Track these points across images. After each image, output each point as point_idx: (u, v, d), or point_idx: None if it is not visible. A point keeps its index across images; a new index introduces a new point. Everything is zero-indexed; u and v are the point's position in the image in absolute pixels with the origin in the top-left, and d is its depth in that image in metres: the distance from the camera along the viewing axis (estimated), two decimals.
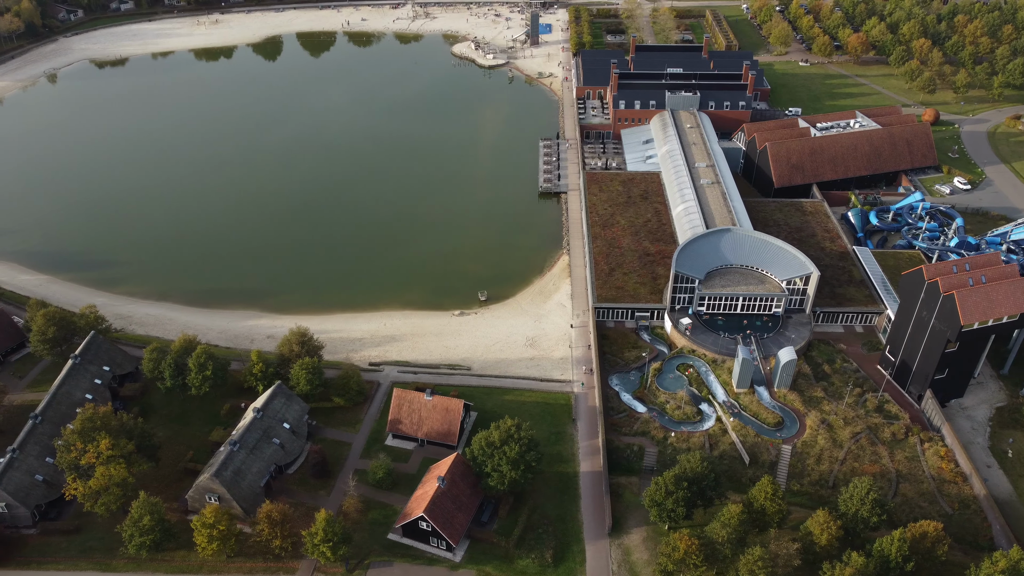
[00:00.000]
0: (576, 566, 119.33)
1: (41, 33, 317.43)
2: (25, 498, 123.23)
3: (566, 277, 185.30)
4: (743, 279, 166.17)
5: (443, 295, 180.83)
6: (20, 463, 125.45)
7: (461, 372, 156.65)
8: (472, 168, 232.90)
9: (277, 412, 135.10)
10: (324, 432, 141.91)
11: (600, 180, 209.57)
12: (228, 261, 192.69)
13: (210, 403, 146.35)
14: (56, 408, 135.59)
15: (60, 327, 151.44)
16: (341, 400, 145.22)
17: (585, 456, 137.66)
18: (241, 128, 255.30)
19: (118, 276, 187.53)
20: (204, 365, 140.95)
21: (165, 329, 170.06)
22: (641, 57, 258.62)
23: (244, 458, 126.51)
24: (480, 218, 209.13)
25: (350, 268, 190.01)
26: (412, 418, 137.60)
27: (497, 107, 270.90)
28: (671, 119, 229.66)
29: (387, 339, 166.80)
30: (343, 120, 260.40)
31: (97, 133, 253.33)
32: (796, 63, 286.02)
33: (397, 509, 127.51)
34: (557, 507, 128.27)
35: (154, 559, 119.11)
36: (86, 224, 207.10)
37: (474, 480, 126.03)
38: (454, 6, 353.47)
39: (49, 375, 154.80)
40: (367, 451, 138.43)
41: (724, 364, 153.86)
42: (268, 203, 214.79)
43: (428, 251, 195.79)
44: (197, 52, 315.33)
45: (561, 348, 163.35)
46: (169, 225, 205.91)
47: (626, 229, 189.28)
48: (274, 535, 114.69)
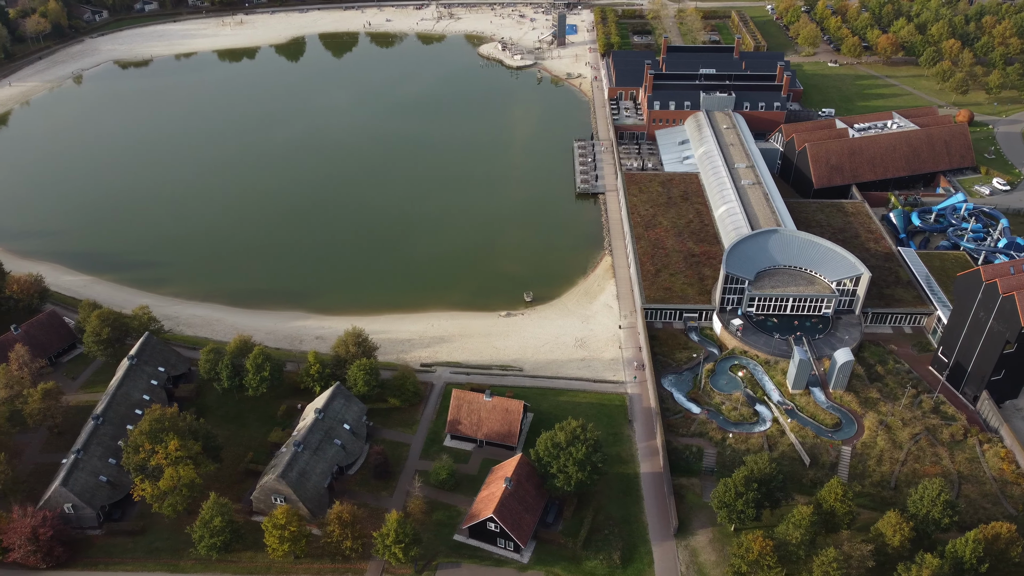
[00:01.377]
0: (644, 567, 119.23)
1: (67, 34, 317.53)
2: (91, 499, 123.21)
3: (610, 278, 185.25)
4: (792, 280, 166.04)
5: (487, 295, 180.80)
6: (85, 464, 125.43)
7: (513, 373, 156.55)
8: (507, 169, 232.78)
9: (337, 413, 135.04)
10: (381, 433, 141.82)
11: (639, 181, 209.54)
12: (268, 261, 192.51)
13: (265, 404, 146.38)
14: (116, 409, 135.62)
15: (114, 328, 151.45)
16: (397, 401, 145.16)
17: (644, 457, 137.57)
18: (271, 128, 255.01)
19: (161, 277, 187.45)
20: (261, 366, 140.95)
21: (213, 330, 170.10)
22: (672, 58, 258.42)
23: (308, 459, 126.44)
24: (518, 218, 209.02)
25: (392, 268, 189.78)
26: (471, 419, 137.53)
27: (527, 108, 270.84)
28: (706, 120, 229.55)
29: (435, 340, 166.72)
30: (374, 121, 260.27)
31: (127, 133, 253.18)
32: (825, 64, 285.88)
33: (461, 510, 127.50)
34: (620, 508, 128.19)
35: (222, 560, 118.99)
36: (123, 224, 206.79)
37: (539, 481, 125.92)
38: (478, 7, 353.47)
39: (102, 376, 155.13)
40: (426, 452, 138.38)
41: (777, 365, 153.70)
42: (305, 203, 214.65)
43: (468, 251, 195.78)
44: (222, 53, 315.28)
45: (611, 349, 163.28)
46: (206, 225, 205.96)
47: (669, 230, 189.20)
48: (345, 536, 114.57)
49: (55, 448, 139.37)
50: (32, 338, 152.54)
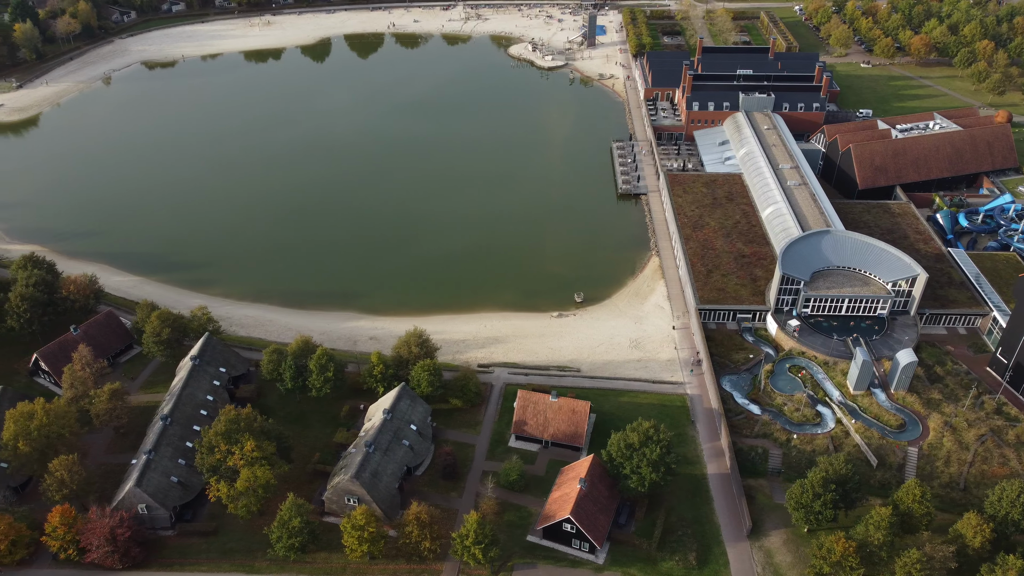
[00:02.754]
0: (720, 568, 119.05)
1: (97, 35, 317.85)
2: (164, 499, 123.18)
3: (659, 279, 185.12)
4: (847, 281, 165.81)
5: (537, 296, 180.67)
6: (156, 464, 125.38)
7: (571, 374, 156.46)
8: (545, 169, 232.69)
9: (404, 414, 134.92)
10: (445, 434, 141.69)
11: (683, 182, 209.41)
12: (315, 261, 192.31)
13: (327, 404, 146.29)
14: (182, 410, 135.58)
15: (173, 328, 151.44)
16: (459, 402, 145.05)
17: (710, 458, 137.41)
18: (306, 129, 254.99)
19: (209, 277, 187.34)
20: (325, 367, 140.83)
21: (266, 330, 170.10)
22: (708, 59, 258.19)
23: (379, 460, 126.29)
24: (561, 219, 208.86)
25: (439, 269, 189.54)
26: (537, 420, 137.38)
27: (561, 108, 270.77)
28: (746, 121, 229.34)
29: (490, 340, 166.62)
30: (409, 122, 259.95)
31: (160, 134, 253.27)
32: (858, 65, 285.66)
33: (531, 511, 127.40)
34: (691, 509, 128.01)
35: (297, 561, 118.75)
36: (164, 224, 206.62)
37: (611, 482, 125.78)
38: (504, 7, 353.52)
39: (160, 376, 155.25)
40: (492, 453, 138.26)
41: (836, 366, 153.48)
42: (348, 203, 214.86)
43: (514, 252, 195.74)
44: (249, 53, 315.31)
45: (667, 350, 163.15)
46: (248, 225, 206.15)
47: (717, 231, 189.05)
48: (423, 537, 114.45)
49: (119, 448, 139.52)
50: (91, 339, 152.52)
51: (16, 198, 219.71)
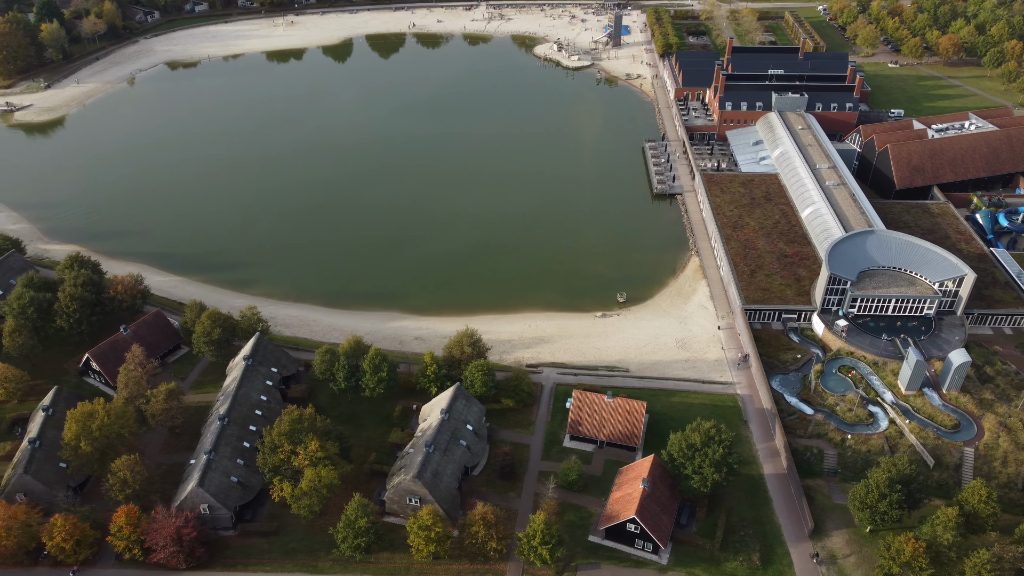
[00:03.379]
0: (784, 568, 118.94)
1: (122, 35, 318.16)
2: (225, 499, 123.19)
3: (701, 279, 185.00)
4: (893, 281, 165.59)
5: (579, 296, 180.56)
6: (216, 464, 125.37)
7: (620, 374, 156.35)
8: (578, 169, 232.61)
9: (460, 414, 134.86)
10: (499, 434, 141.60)
11: (719, 182, 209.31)
12: (354, 261, 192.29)
13: (378, 405, 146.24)
14: (238, 410, 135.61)
15: (224, 329, 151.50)
16: (511, 402, 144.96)
17: (765, 458, 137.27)
18: (336, 127, 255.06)
19: (250, 278, 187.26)
20: (379, 367, 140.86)
21: (311, 331, 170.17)
22: (738, 59, 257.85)
23: (439, 460, 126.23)
24: (597, 219, 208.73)
25: (479, 269, 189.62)
26: (593, 420, 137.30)
27: (590, 109, 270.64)
28: (779, 121, 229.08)
29: (535, 340, 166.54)
30: (439, 123, 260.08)
31: (188, 134, 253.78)
32: (885, 64, 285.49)
33: (591, 511, 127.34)
34: (750, 509, 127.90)
35: (361, 561, 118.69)
36: (200, 225, 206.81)
37: (672, 482, 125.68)
38: (527, 7, 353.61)
39: (209, 376, 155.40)
40: (547, 453, 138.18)
41: (886, 366, 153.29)
42: (384, 202, 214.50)
43: (553, 252, 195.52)
44: (273, 53, 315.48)
45: (713, 350, 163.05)
46: (284, 225, 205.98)
47: (757, 231, 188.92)
48: (490, 537, 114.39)
49: (174, 448, 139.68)
50: (140, 338, 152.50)
51: (50, 198, 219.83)
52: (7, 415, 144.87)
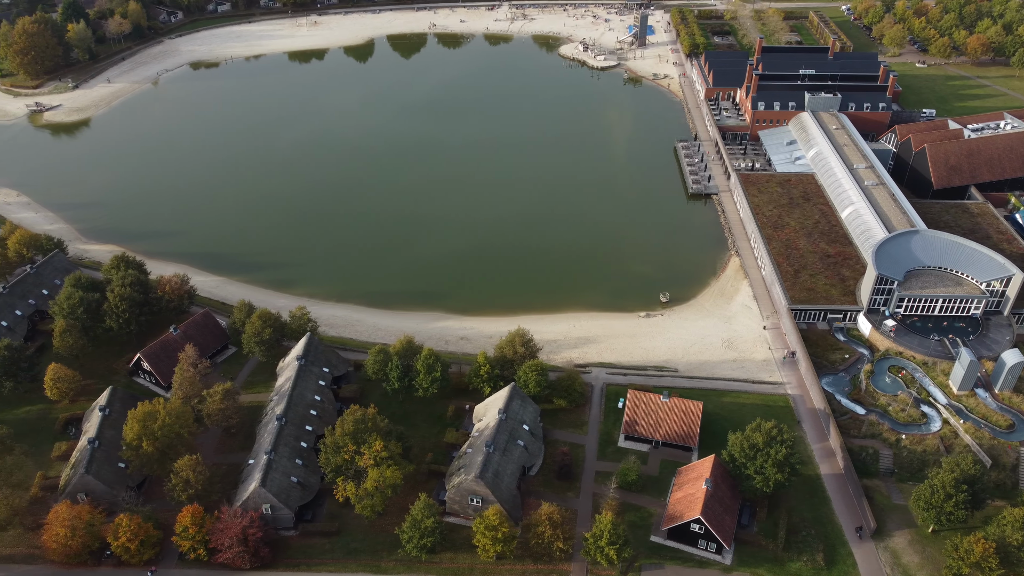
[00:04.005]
0: (849, 568, 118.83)
1: (147, 35, 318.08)
2: (287, 499, 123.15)
3: (742, 279, 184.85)
4: (939, 281, 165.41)
5: (621, 296, 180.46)
6: (277, 464, 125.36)
7: (669, 374, 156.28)
8: (611, 169, 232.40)
9: (516, 414, 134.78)
10: (553, 434, 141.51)
11: (756, 182, 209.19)
12: (393, 261, 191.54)
13: (430, 405, 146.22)
14: (295, 410, 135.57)
15: (275, 329, 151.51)
16: (563, 402, 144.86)
17: (821, 458, 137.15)
18: (363, 128, 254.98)
19: (290, 278, 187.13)
20: (432, 367, 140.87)
21: (356, 331, 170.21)
22: (767, 58, 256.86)
23: (499, 459, 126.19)
24: (634, 219, 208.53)
25: (520, 269, 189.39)
26: (649, 420, 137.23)
27: (619, 109, 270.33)
28: (813, 121, 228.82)
29: (581, 340, 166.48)
30: (467, 122, 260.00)
31: (217, 133, 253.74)
32: (912, 64, 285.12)
33: (651, 511, 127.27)
34: (810, 509, 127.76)
35: (425, 562, 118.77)
36: (235, 225, 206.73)
37: (732, 482, 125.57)
38: (549, 7, 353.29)
39: (259, 376, 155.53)
40: (602, 453, 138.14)
41: (936, 366, 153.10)
42: (424, 202, 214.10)
43: (592, 251, 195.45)
44: (299, 53, 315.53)
45: (760, 350, 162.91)
46: (321, 225, 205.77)
47: (798, 231, 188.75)
48: (556, 537, 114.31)
49: (228, 448, 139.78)
50: (190, 338, 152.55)
51: (85, 198, 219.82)
52: (59, 415, 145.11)
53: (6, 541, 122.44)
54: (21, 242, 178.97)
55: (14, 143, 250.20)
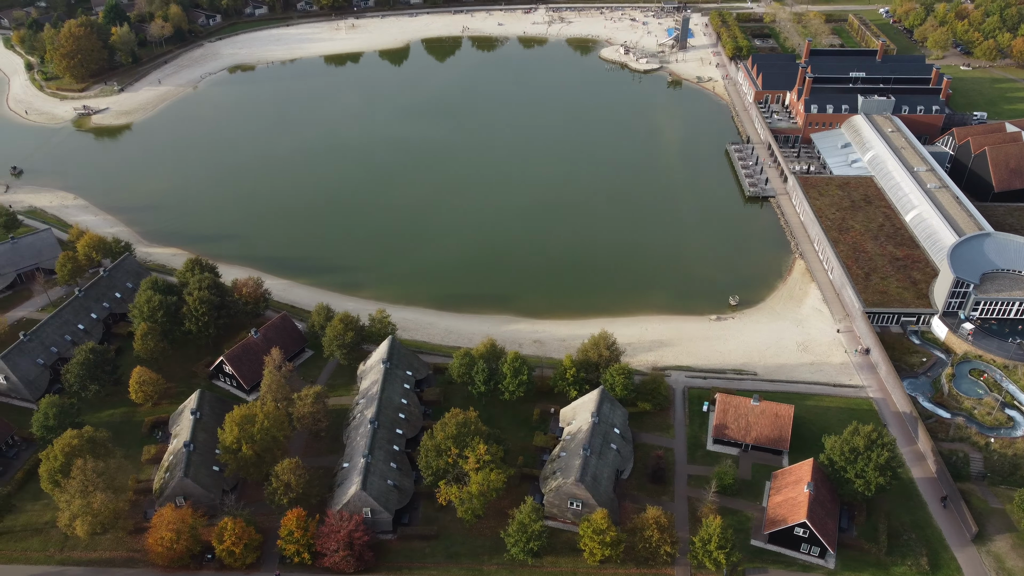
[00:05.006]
0: (953, 573, 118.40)
1: (187, 38, 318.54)
2: (386, 503, 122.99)
3: (809, 281, 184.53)
4: (1015, 284, 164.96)
5: (688, 299, 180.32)
6: (374, 468, 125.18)
7: (749, 377, 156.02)
8: (664, 171, 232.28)
9: (607, 417, 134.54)
10: (640, 437, 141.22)
11: (815, 184, 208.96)
12: (463, 264, 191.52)
13: (515, 408, 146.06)
14: (385, 413, 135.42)
15: (356, 332, 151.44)
16: (648, 405, 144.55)
17: (911, 462, 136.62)
18: (405, 133, 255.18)
19: (356, 280, 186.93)
20: (519, 370, 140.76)
21: (428, 334, 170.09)
22: (815, 61, 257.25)
23: (596, 463, 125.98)
24: (693, 221, 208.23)
25: (585, 272, 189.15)
26: (739, 423, 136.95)
27: (666, 111, 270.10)
28: (867, 123, 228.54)
29: (655, 344, 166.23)
30: (521, 126, 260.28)
31: (263, 136, 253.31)
32: (957, 67, 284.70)
33: (748, 515, 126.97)
34: (907, 513, 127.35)
35: (526, 566, 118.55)
36: (299, 227, 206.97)
37: (831, 486, 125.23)
38: (586, 10, 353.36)
39: (339, 379, 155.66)
40: (691, 456, 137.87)
41: (1017, 369, 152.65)
42: (483, 208, 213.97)
43: (655, 254, 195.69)
44: (345, 56, 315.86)
45: (837, 353, 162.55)
46: (379, 227, 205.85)
47: (863, 234, 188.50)
48: (663, 541, 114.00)
49: (315, 452, 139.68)
50: (270, 342, 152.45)
51: (140, 201, 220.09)
52: (144, 418, 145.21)
53: (106, 544, 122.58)
54: (90, 245, 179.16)
55: (64, 146, 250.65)
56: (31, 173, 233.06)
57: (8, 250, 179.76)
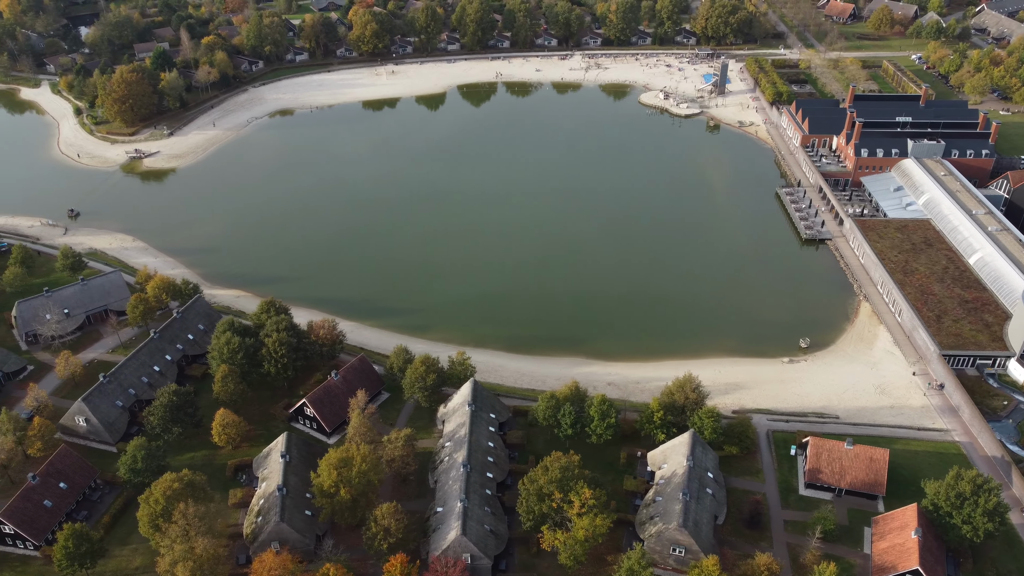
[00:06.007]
0: None
1: (232, 83, 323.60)
2: (485, 548, 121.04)
3: (877, 324, 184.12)
4: None
5: (757, 341, 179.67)
6: (471, 512, 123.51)
7: (831, 420, 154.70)
8: (716, 214, 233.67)
9: (700, 461, 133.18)
10: (730, 481, 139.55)
11: (873, 227, 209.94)
12: (531, 307, 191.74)
13: (599, 451, 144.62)
14: (475, 456, 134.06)
15: (438, 374, 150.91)
16: (735, 449, 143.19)
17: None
18: (464, 177, 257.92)
19: (423, 323, 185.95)
20: (607, 413, 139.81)
21: (501, 376, 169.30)
22: (859, 106, 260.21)
23: (695, 508, 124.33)
24: (752, 264, 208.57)
25: (651, 315, 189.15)
26: (832, 468, 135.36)
27: (711, 155, 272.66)
28: (918, 167, 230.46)
29: (731, 386, 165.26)
30: (567, 171, 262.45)
31: (316, 179, 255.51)
32: (996, 112, 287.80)
33: (850, 561, 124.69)
34: (1013, 560, 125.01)
35: None
36: (357, 270, 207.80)
37: (935, 532, 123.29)
38: (621, 57, 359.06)
39: (417, 421, 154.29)
40: (785, 500, 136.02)
41: None
42: (542, 254, 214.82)
43: (718, 296, 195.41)
44: (384, 101, 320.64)
45: (915, 396, 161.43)
46: (440, 270, 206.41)
47: (929, 276, 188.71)
48: None
49: (402, 495, 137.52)
50: (349, 384, 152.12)
51: (196, 243, 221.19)
52: (226, 461, 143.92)
53: None
54: (159, 287, 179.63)
55: (117, 189, 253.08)
56: (87, 215, 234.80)
57: (78, 292, 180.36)
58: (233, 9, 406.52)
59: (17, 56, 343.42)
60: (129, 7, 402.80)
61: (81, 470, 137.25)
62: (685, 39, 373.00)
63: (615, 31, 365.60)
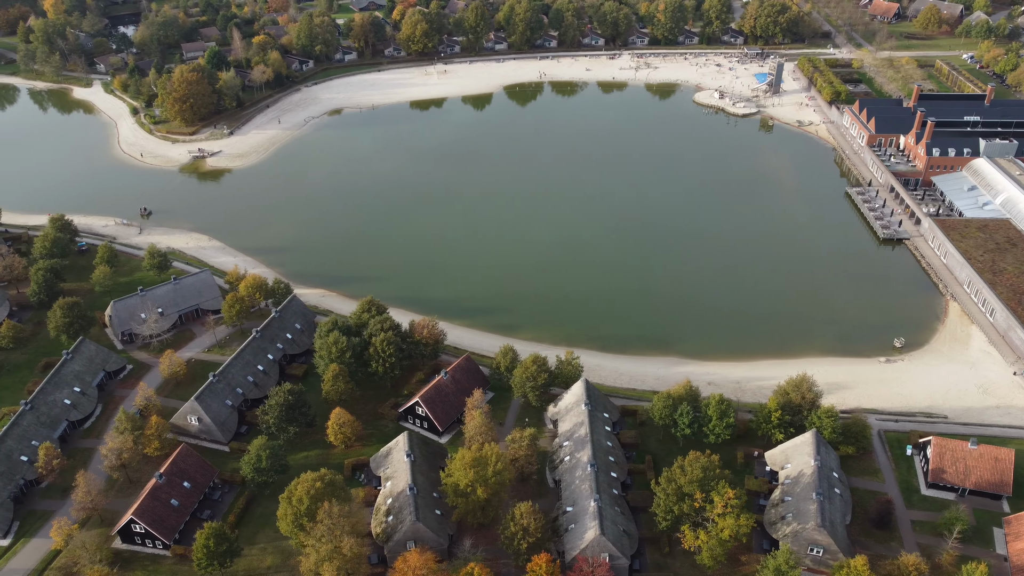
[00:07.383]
0: None
1: (285, 83, 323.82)
2: (622, 548, 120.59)
3: (969, 324, 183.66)
4: None
5: (850, 341, 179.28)
6: (605, 512, 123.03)
7: (940, 420, 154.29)
8: (788, 215, 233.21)
9: (825, 461, 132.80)
10: (850, 481, 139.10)
11: (954, 227, 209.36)
12: (620, 306, 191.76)
13: (714, 451, 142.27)
14: (600, 456, 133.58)
15: (548, 374, 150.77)
16: (851, 449, 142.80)
17: None
18: (528, 174, 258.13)
19: (511, 322, 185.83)
20: (725, 413, 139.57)
21: (600, 376, 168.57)
22: (925, 105, 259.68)
23: (829, 508, 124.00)
24: (832, 264, 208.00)
25: (736, 315, 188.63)
26: (956, 467, 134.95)
27: (772, 155, 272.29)
28: (992, 166, 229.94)
29: (832, 386, 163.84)
30: (631, 171, 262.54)
31: (382, 177, 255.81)
32: None
33: (987, 562, 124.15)
34: None
35: None
36: (438, 269, 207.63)
37: None
38: (670, 56, 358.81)
39: (523, 419, 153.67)
40: (908, 500, 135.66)
41: None
42: (621, 253, 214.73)
43: (804, 297, 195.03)
44: (438, 100, 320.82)
45: (1020, 396, 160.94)
46: (530, 268, 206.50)
47: (1019, 276, 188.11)
48: None
49: (523, 495, 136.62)
50: (458, 383, 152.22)
51: (270, 243, 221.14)
52: (340, 460, 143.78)
53: None
54: (252, 287, 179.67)
55: (184, 188, 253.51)
56: (159, 215, 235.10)
57: (171, 291, 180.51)
58: (276, 9, 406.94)
59: (68, 56, 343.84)
60: (172, 7, 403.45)
61: (202, 469, 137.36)
62: (732, 38, 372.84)
63: (663, 30, 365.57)
